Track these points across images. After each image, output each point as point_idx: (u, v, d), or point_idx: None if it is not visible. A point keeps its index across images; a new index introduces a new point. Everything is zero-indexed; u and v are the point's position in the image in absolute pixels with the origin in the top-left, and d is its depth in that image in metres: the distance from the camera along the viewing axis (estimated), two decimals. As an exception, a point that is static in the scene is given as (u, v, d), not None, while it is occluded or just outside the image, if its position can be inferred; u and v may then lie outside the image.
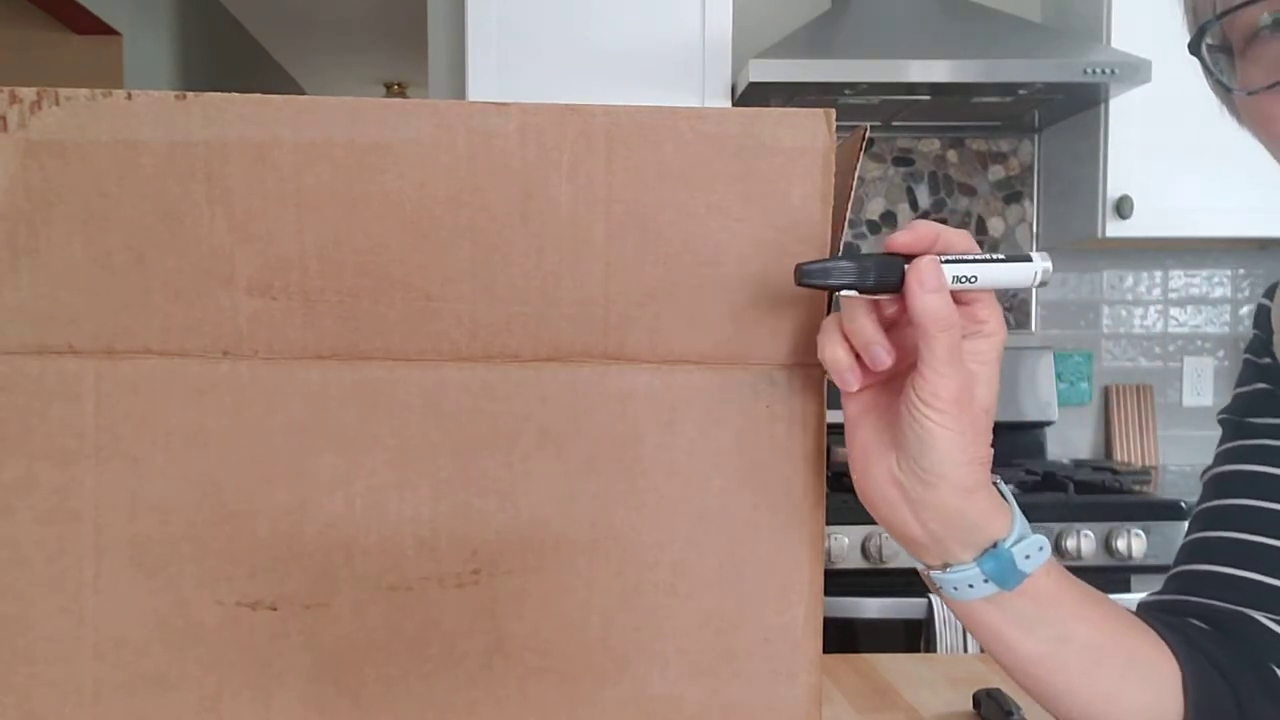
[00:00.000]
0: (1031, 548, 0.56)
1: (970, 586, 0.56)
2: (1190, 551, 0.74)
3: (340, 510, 0.48)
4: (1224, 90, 0.67)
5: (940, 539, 0.54)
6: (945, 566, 0.56)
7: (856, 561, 1.90)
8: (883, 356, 0.49)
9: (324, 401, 0.48)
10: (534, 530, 0.49)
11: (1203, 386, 2.59)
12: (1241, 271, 2.61)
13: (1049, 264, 0.52)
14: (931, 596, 1.84)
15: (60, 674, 0.48)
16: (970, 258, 0.50)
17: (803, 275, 0.47)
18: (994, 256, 0.51)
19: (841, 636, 1.89)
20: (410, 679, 0.49)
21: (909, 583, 1.90)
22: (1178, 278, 2.62)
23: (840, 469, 2.19)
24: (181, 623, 0.48)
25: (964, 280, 0.50)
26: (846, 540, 1.89)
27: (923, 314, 0.48)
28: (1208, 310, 2.60)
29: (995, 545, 0.55)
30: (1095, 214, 2.25)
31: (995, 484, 0.56)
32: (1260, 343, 0.76)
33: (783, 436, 0.49)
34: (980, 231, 2.55)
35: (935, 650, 1.84)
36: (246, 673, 0.48)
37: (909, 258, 0.49)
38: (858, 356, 0.50)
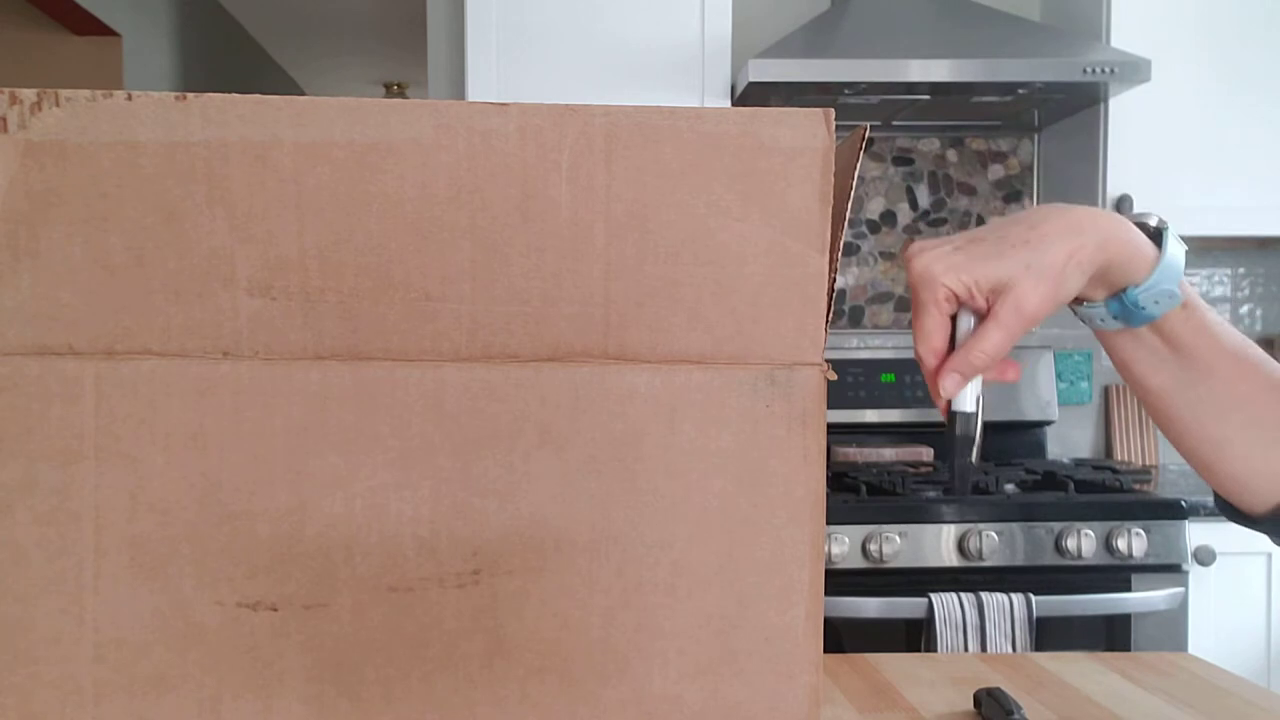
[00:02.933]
0: (1162, 295, 0.66)
1: (1100, 320, 0.68)
2: None
3: (340, 511, 0.48)
4: None
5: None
6: (1081, 302, 0.68)
7: (856, 561, 1.90)
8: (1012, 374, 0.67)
9: (324, 402, 0.48)
10: (534, 530, 0.49)
11: (1203, 386, 2.59)
12: (1241, 271, 2.61)
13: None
14: (932, 596, 1.84)
15: (60, 675, 0.48)
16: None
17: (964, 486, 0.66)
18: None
19: (841, 636, 1.89)
20: (410, 679, 0.49)
21: (909, 583, 1.90)
22: (1178, 277, 2.61)
23: (840, 469, 2.19)
24: (181, 623, 0.48)
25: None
26: (846, 540, 1.89)
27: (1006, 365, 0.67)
28: (1208, 310, 2.60)
29: (1126, 289, 0.66)
30: (1095, 213, 2.24)
31: (1162, 229, 0.67)
32: None
33: (783, 436, 0.49)
34: (980, 231, 2.54)
35: (935, 650, 1.84)
36: (247, 673, 0.48)
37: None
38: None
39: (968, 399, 0.66)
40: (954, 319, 0.66)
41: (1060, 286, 0.64)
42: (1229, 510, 0.75)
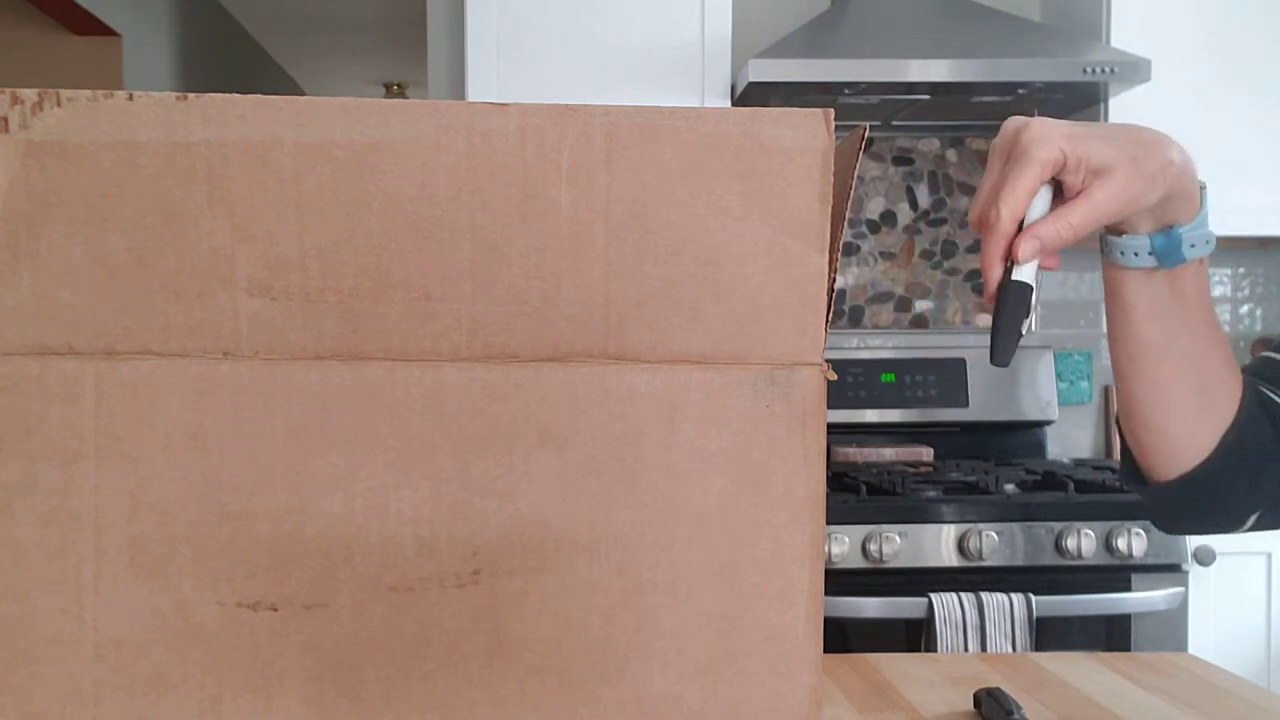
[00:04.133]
0: (1199, 239, 0.68)
1: (1135, 255, 0.69)
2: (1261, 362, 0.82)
3: (340, 510, 0.48)
4: None
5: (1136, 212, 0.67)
6: (1122, 234, 0.69)
7: (856, 561, 1.90)
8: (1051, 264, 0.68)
9: (324, 402, 0.48)
10: (534, 530, 0.49)
11: (1203, 386, 2.59)
12: (1242, 270, 2.61)
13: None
14: (932, 596, 1.85)
15: (60, 675, 0.48)
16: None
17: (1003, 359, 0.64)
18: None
19: (841, 636, 1.89)
20: (410, 679, 0.49)
21: (909, 583, 1.90)
22: (1178, 277, 2.61)
23: (840, 469, 2.19)
24: (181, 623, 0.48)
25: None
26: (846, 540, 1.89)
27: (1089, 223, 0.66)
28: (1208, 309, 2.60)
29: (1172, 227, 0.68)
30: (1095, 213, 2.24)
31: (1202, 186, 0.69)
32: None
33: (783, 436, 0.49)
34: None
35: (935, 650, 1.84)
36: (247, 673, 0.48)
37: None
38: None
39: (1029, 271, 0.67)
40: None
41: (1148, 191, 0.66)
42: (1135, 478, 0.79)
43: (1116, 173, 0.65)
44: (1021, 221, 0.66)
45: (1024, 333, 0.66)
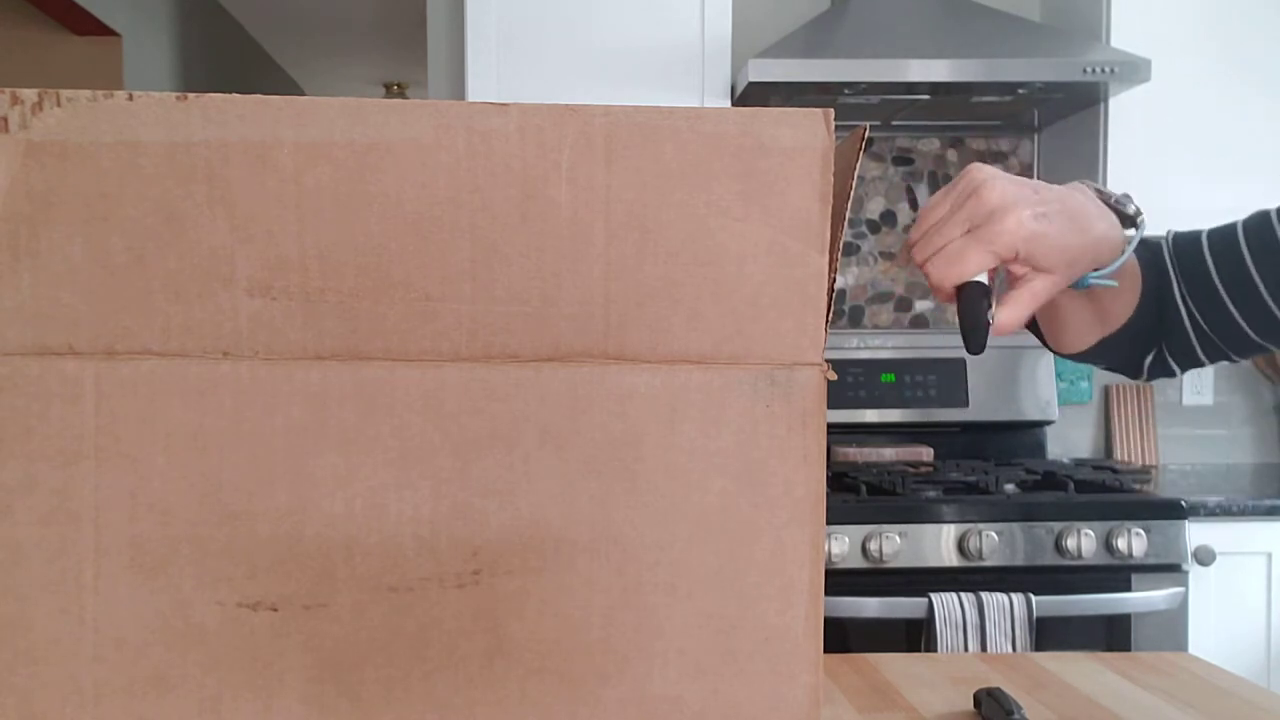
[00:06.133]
0: (1106, 275, 0.79)
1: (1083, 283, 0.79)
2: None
3: (340, 511, 0.48)
4: None
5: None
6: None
7: (856, 561, 1.90)
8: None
9: (324, 402, 0.48)
10: (534, 530, 0.49)
11: (1203, 385, 2.59)
12: (1241, 271, 2.60)
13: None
14: (932, 596, 1.85)
15: (60, 675, 0.48)
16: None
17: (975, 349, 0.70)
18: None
19: (841, 636, 1.89)
20: (410, 679, 0.49)
21: (909, 583, 1.90)
22: (1178, 277, 2.61)
23: (840, 469, 2.19)
24: (182, 624, 0.48)
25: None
26: (846, 540, 1.89)
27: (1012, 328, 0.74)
28: (1208, 309, 2.60)
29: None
30: (1095, 213, 2.24)
31: (1136, 218, 0.78)
32: None
33: (783, 436, 0.49)
34: (980, 231, 2.54)
35: (935, 650, 1.84)
36: (247, 673, 0.48)
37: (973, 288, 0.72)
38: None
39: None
40: None
41: (1072, 277, 0.76)
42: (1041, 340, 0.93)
43: (1056, 274, 0.74)
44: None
45: (990, 321, 0.71)
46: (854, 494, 1.98)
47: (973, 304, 0.71)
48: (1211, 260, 0.88)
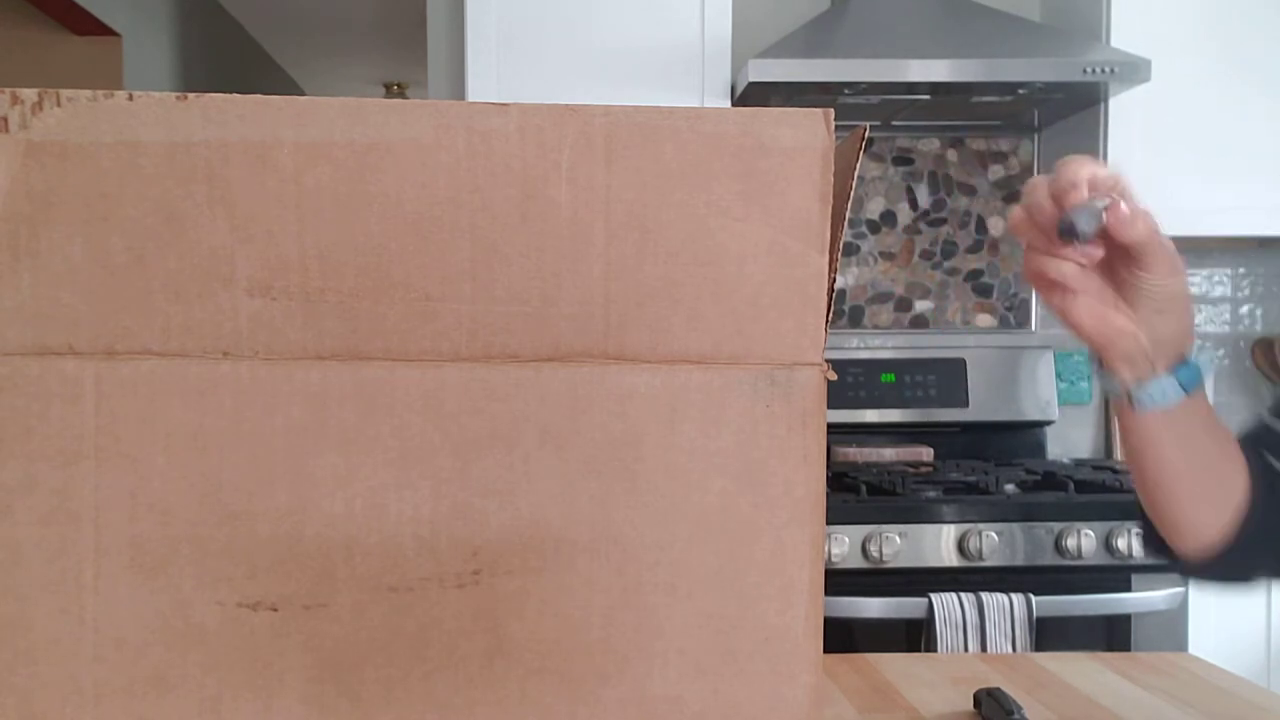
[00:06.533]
0: (1205, 361, 0.78)
1: (1164, 396, 0.73)
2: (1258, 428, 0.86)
3: (340, 511, 0.48)
4: None
5: (1156, 354, 0.72)
6: (1141, 384, 0.73)
7: (856, 561, 1.90)
8: (1096, 253, 0.70)
9: (324, 402, 0.48)
10: (534, 530, 0.49)
11: (1203, 386, 2.59)
12: (1242, 271, 2.60)
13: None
14: (932, 596, 1.85)
15: (60, 675, 0.48)
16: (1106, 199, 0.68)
17: (1069, 227, 0.67)
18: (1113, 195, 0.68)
19: (841, 636, 1.89)
20: (410, 679, 0.49)
21: (909, 583, 1.90)
22: (1178, 277, 2.61)
23: (840, 469, 2.19)
24: (182, 624, 0.48)
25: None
26: (846, 540, 1.89)
27: (1137, 239, 0.68)
28: (1208, 309, 2.60)
29: (1185, 359, 0.73)
30: (1095, 213, 2.24)
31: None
32: None
33: (783, 436, 0.49)
34: (980, 231, 2.54)
35: (935, 650, 1.84)
36: (247, 673, 0.48)
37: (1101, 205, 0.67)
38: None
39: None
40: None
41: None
42: (1158, 547, 0.83)
43: (1160, 284, 0.70)
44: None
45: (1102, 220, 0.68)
46: (854, 494, 1.98)
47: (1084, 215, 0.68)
48: None
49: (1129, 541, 1.89)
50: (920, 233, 2.54)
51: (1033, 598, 1.85)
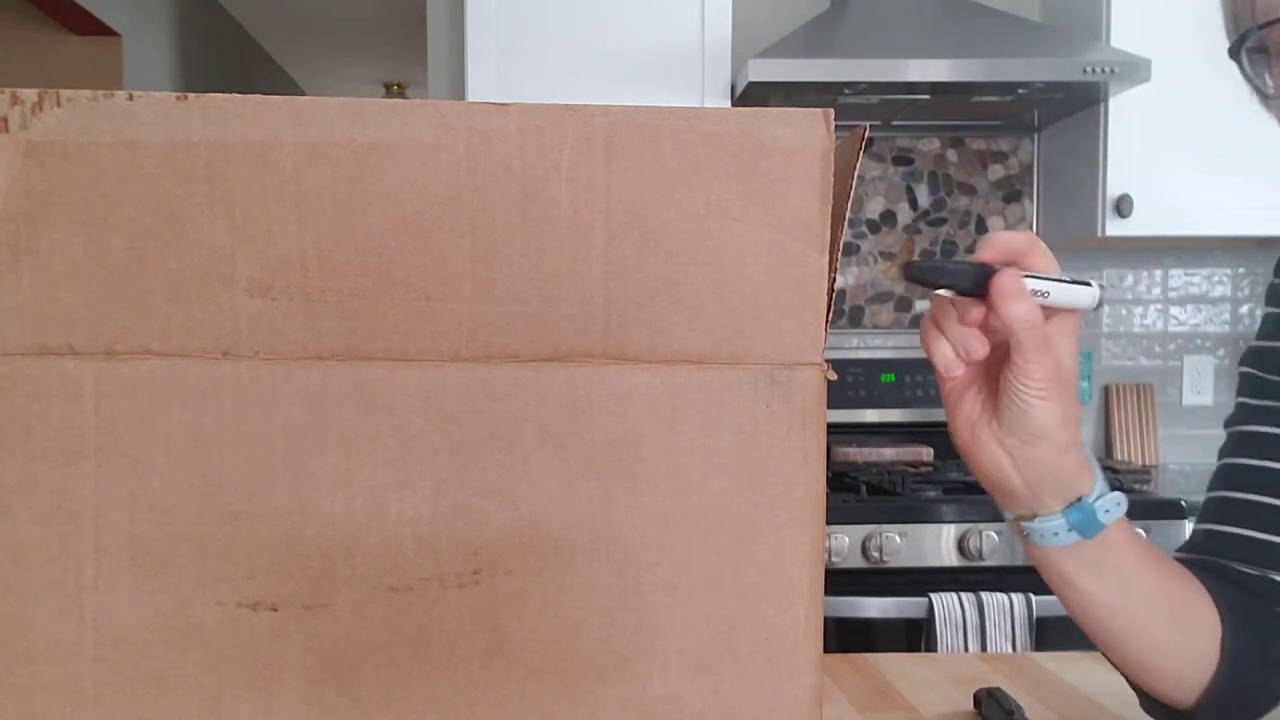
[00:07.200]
0: (1110, 503, 0.65)
1: (1055, 534, 0.65)
2: (1216, 510, 0.78)
3: (340, 511, 0.48)
4: (1261, 94, 0.75)
5: (1036, 492, 0.64)
6: (1034, 517, 0.65)
7: (856, 561, 1.90)
8: (979, 349, 0.60)
9: (324, 402, 0.48)
10: (534, 530, 0.49)
11: (1203, 385, 2.59)
12: (1241, 270, 2.61)
13: (1102, 291, 0.63)
14: (932, 595, 1.85)
15: (60, 675, 0.48)
16: (1044, 276, 0.59)
17: (913, 272, 0.57)
18: (1063, 278, 0.60)
19: (841, 636, 1.89)
20: (410, 679, 0.49)
21: (909, 582, 1.90)
22: (1177, 276, 2.62)
23: (840, 469, 2.19)
24: (181, 624, 0.48)
25: (1038, 295, 0.59)
26: (846, 540, 1.89)
27: (1010, 319, 0.58)
28: (1208, 309, 2.60)
29: (1080, 500, 0.64)
30: (1095, 213, 2.25)
31: (1081, 449, 0.65)
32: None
33: (783, 436, 0.49)
34: (980, 231, 2.54)
35: (936, 650, 1.84)
36: (247, 673, 0.48)
37: (991, 269, 0.58)
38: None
39: None
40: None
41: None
42: (1159, 709, 0.74)
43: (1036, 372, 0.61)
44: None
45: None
46: (854, 494, 1.98)
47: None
48: None
49: (1129, 541, 1.89)
50: (920, 233, 2.54)
51: (1033, 597, 1.85)
